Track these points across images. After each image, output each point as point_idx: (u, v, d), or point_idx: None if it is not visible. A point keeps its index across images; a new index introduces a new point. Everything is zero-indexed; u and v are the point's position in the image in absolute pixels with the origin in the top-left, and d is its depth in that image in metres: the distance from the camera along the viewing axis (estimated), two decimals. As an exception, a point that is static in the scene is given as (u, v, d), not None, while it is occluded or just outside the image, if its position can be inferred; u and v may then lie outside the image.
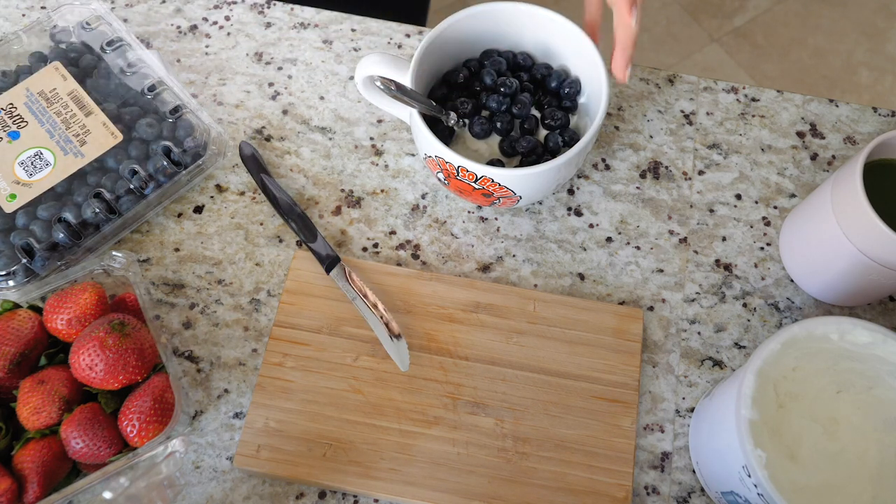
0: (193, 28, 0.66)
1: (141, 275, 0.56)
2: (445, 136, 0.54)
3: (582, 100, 0.56)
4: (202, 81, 0.64)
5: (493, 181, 0.50)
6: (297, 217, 0.56)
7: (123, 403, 0.48)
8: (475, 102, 0.55)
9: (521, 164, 0.54)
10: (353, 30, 0.66)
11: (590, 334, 0.53)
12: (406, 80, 0.51)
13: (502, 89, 0.55)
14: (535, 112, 0.56)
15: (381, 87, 0.49)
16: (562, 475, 0.50)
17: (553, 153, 0.54)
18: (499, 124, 0.54)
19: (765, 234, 0.59)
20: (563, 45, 0.55)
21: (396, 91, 0.49)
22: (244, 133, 0.62)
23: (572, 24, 0.53)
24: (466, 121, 0.55)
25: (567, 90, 0.55)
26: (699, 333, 0.56)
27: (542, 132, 0.56)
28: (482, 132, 0.54)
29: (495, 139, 0.55)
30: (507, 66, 0.56)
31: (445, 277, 0.55)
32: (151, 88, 0.59)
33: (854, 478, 0.42)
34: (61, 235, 0.53)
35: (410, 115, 0.52)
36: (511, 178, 0.50)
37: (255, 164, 0.59)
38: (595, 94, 0.54)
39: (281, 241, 0.58)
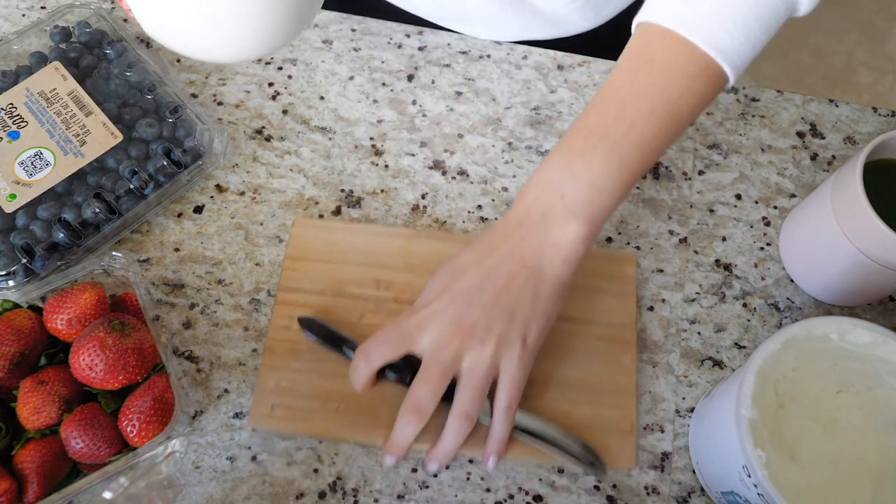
0: (193, 28, 0.66)
1: (141, 275, 0.56)
2: None
3: None
4: (202, 81, 0.64)
5: None
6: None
7: (123, 403, 0.48)
8: None
9: None
10: (353, 30, 0.66)
11: (586, 280, 0.54)
12: None
13: None
14: None
15: None
16: (568, 413, 0.51)
17: None
18: None
19: (765, 234, 0.59)
20: None
21: None
22: (244, 133, 0.62)
23: None
24: None
25: None
26: (699, 333, 0.55)
27: None
28: None
29: None
30: None
31: (441, 235, 0.56)
32: (151, 88, 0.59)
33: (854, 478, 0.42)
34: (61, 235, 0.53)
35: None
36: None
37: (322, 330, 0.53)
38: None
39: (281, 241, 0.58)
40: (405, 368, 0.49)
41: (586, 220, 0.46)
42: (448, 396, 0.48)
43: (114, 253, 0.53)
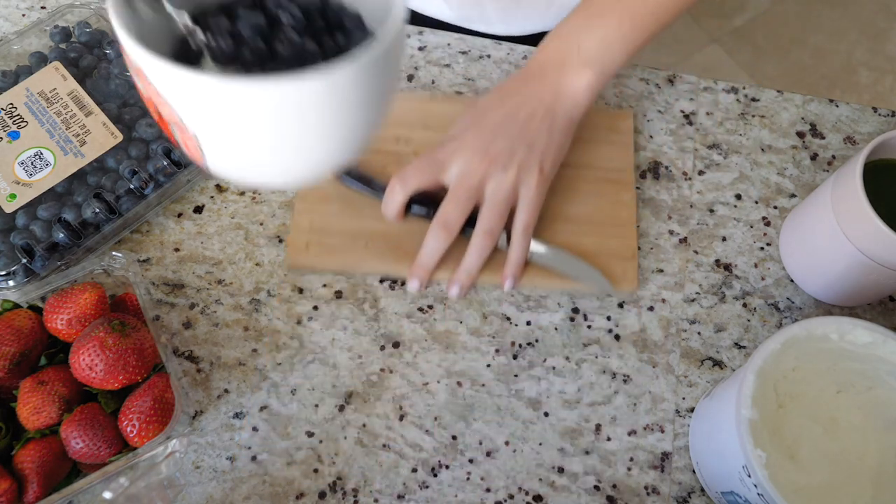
0: (193, 28, 0.66)
1: (141, 275, 0.56)
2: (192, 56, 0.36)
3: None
4: (202, 81, 0.64)
5: (160, 93, 0.32)
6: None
7: (123, 403, 0.48)
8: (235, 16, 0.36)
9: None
10: (353, 30, 0.66)
11: (589, 133, 0.59)
12: None
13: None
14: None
15: None
16: (576, 244, 0.56)
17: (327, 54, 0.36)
18: (246, 34, 0.35)
19: (765, 234, 0.59)
20: None
21: None
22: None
23: None
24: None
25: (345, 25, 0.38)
26: (699, 333, 0.55)
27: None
28: (227, 50, 0.35)
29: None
30: None
31: (459, 99, 0.61)
32: (151, 88, 0.59)
33: (854, 478, 0.42)
34: (61, 235, 0.53)
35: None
36: (180, 85, 0.30)
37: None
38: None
39: (281, 241, 0.58)
40: (430, 204, 0.54)
41: (598, 71, 0.54)
42: (470, 224, 0.54)
43: (114, 253, 0.53)
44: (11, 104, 0.58)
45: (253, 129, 0.32)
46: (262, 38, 0.35)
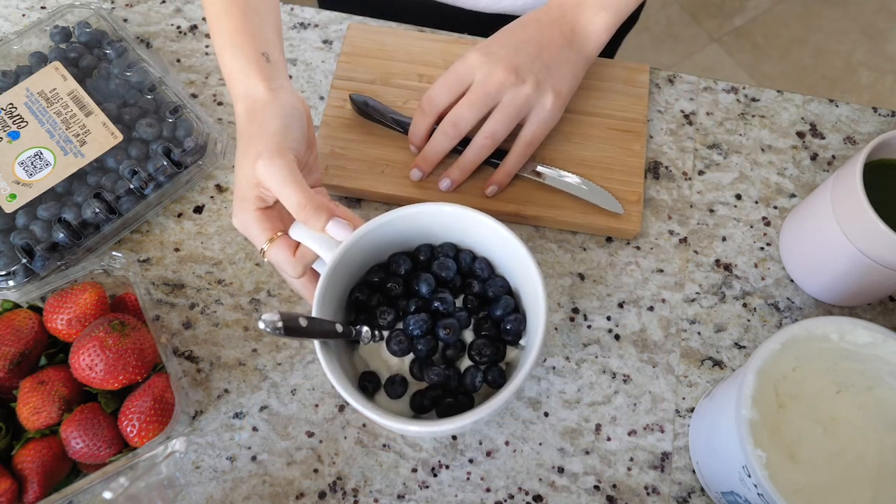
0: (193, 28, 0.66)
1: (141, 275, 0.56)
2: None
3: (522, 342, 0.49)
4: (202, 81, 0.64)
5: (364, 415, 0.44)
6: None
7: (123, 403, 0.48)
8: (397, 311, 0.48)
9: (424, 394, 0.47)
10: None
11: (604, 83, 0.62)
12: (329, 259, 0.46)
13: (436, 304, 0.48)
14: (468, 333, 0.49)
15: (268, 329, 0.38)
16: None
17: (467, 392, 0.47)
18: (419, 346, 0.47)
19: (765, 234, 0.59)
20: (514, 270, 0.49)
21: (285, 334, 0.39)
22: (244, 133, 0.62)
23: (530, 257, 0.45)
24: (385, 333, 0.48)
25: (508, 326, 0.48)
26: (699, 333, 0.55)
27: (467, 361, 0.49)
28: (400, 351, 0.47)
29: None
30: (457, 272, 0.50)
31: (480, 41, 0.62)
32: (151, 88, 0.59)
33: (854, 478, 0.42)
34: (61, 235, 0.53)
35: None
36: (389, 425, 0.43)
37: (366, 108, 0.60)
38: (531, 343, 0.45)
39: (281, 241, 0.58)
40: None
41: (613, 13, 0.57)
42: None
43: (114, 253, 0.53)
44: (11, 104, 0.58)
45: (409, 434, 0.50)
46: (427, 333, 0.47)
